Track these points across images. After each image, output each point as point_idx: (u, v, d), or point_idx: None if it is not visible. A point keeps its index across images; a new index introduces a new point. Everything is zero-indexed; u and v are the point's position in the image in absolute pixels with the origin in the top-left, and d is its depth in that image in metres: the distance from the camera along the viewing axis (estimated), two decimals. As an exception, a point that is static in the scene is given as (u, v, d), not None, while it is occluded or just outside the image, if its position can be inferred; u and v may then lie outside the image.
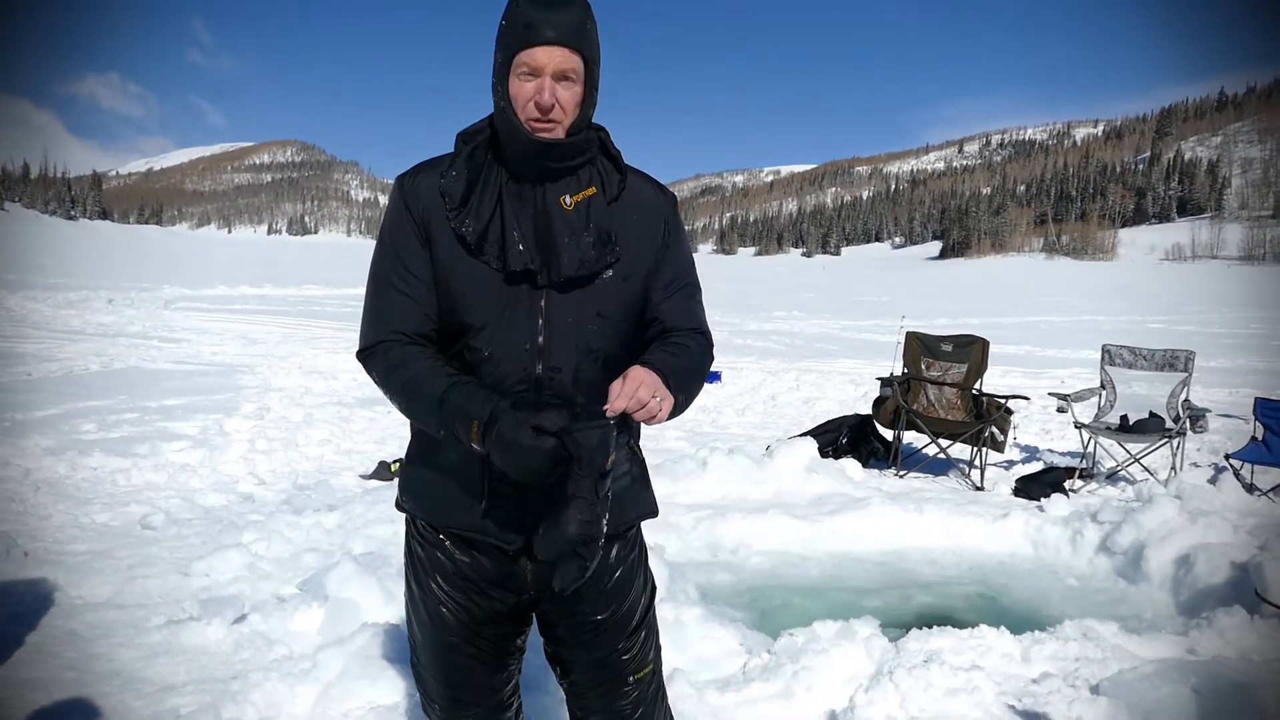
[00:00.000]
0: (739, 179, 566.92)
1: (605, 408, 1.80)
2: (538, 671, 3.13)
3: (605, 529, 1.87)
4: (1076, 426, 8.26)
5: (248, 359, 14.80)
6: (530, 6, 1.87)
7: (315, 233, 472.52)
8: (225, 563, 4.94)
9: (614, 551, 2.17)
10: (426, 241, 1.99)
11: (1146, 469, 8.08)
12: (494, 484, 2.00)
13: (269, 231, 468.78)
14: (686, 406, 2.00)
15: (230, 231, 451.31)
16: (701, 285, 2.20)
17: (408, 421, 2.12)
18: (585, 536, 1.83)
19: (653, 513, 2.21)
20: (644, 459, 2.22)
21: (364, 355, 2.03)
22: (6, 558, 4.79)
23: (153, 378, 12.06)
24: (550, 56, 1.87)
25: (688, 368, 1.99)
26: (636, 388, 1.80)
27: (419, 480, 2.12)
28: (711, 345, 2.13)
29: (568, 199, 1.97)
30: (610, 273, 1.99)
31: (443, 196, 1.97)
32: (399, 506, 2.17)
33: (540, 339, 1.96)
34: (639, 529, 2.27)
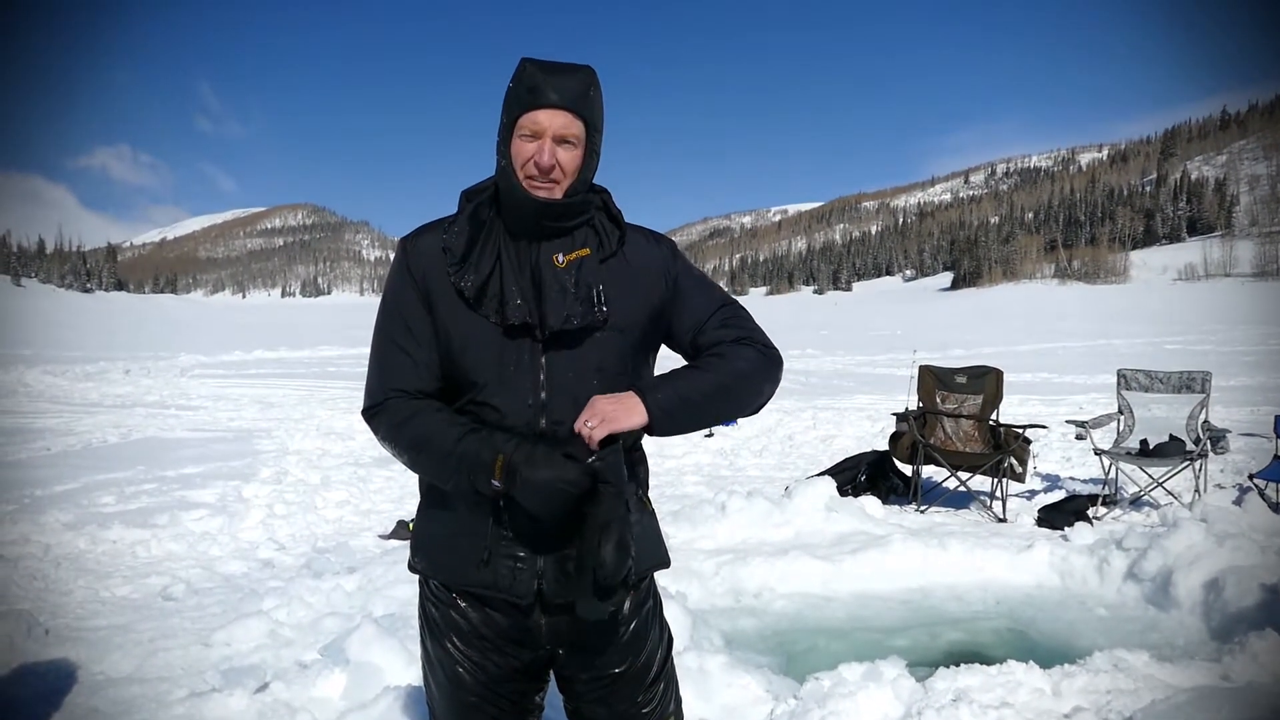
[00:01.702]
0: (747, 220, 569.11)
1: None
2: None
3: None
4: (1096, 453, 8.20)
5: (264, 423, 14.86)
6: (537, 70, 1.93)
7: (329, 293, 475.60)
8: (246, 631, 4.92)
9: (628, 603, 2.16)
10: (428, 302, 2.02)
11: (1170, 493, 8.00)
12: (502, 537, 2.01)
13: (283, 294, 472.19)
14: (713, 416, 2.05)
15: (245, 296, 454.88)
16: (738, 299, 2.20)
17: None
18: (629, 556, 1.89)
19: (664, 563, 2.19)
20: (654, 510, 2.21)
21: (370, 414, 2.05)
22: (28, 636, 4.77)
23: (170, 447, 12.11)
24: (552, 120, 1.92)
25: (705, 380, 2.02)
26: (587, 412, 1.93)
27: (429, 540, 2.12)
28: (768, 348, 2.11)
29: (560, 257, 2.00)
30: (606, 327, 2.01)
31: (445, 253, 2.01)
32: (411, 568, 2.17)
33: (543, 395, 1.98)
34: (652, 580, 2.27)
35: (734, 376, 2.04)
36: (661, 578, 2.28)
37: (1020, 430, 8.19)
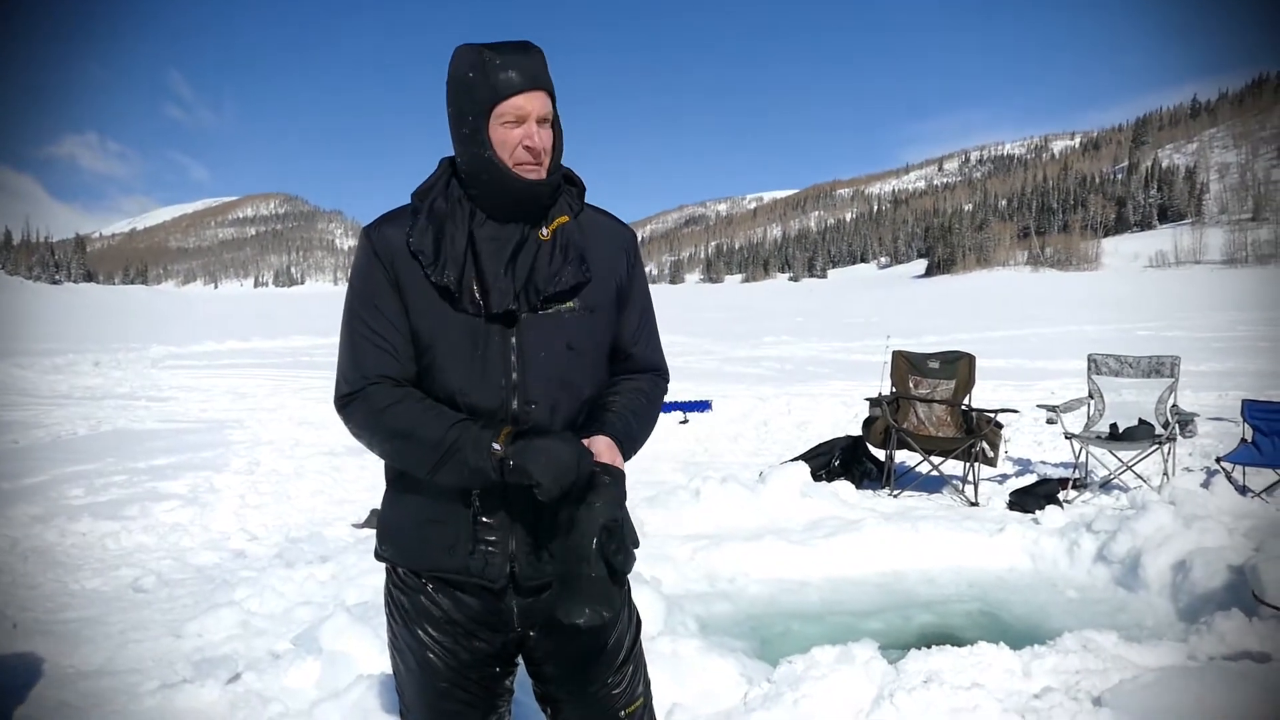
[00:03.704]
0: (722, 207, 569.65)
1: None
2: (530, 714, 3.10)
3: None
4: (1067, 437, 8.27)
5: (237, 413, 14.73)
6: (501, 56, 1.90)
7: (302, 283, 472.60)
8: (218, 622, 4.89)
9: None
10: (397, 287, 2.00)
11: (1139, 476, 8.08)
12: (475, 522, 2.00)
13: (255, 285, 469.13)
14: (640, 447, 2.11)
15: (216, 287, 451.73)
16: (659, 311, 2.31)
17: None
18: (630, 557, 1.91)
19: (633, 544, 2.20)
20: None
21: (345, 401, 2.01)
22: (-4, 629, 4.73)
23: (141, 438, 11.99)
24: (532, 102, 1.92)
25: (645, 416, 2.12)
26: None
27: (398, 527, 2.11)
28: (667, 380, 2.26)
29: (544, 229, 2.01)
30: (575, 304, 2.02)
31: (416, 256, 1.97)
32: (378, 556, 2.15)
33: (515, 375, 1.97)
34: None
35: (654, 413, 2.16)
36: (634, 563, 2.27)
37: (992, 415, 8.25)
